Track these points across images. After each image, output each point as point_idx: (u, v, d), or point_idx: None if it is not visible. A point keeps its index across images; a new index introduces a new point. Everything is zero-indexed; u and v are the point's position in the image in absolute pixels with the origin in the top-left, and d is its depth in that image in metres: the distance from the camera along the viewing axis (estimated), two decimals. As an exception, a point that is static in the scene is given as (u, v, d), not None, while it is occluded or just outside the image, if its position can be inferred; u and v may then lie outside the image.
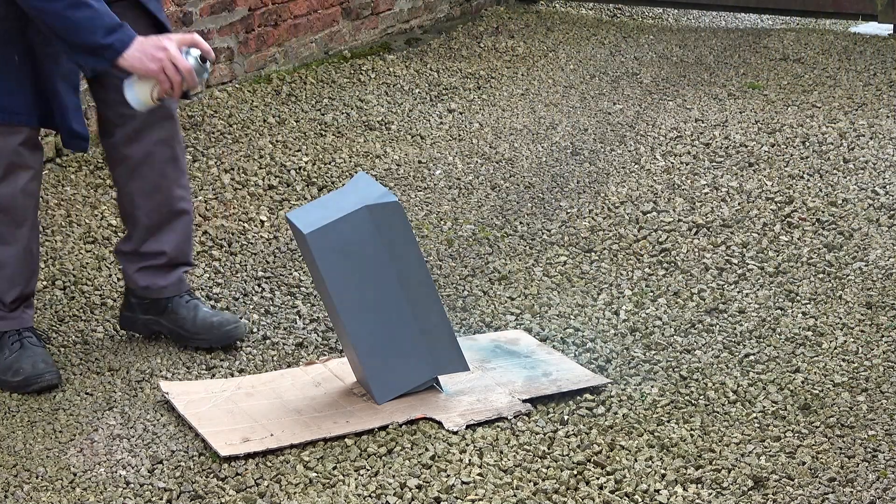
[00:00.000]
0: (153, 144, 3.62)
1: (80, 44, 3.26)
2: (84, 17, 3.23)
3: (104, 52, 3.26)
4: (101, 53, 3.26)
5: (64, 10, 3.23)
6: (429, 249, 4.42)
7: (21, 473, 3.20)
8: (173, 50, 3.27)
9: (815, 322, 3.88)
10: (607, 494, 3.05)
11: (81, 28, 3.24)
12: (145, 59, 3.26)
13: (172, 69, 3.27)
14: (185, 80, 3.29)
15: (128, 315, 3.81)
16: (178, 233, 3.72)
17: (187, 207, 3.73)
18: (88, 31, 3.24)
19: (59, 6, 3.22)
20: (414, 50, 6.80)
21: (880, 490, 3.05)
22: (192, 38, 3.34)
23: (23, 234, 3.53)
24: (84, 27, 3.24)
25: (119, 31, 3.25)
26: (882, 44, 6.89)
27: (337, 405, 3.43)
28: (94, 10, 3.24)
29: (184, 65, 3.28)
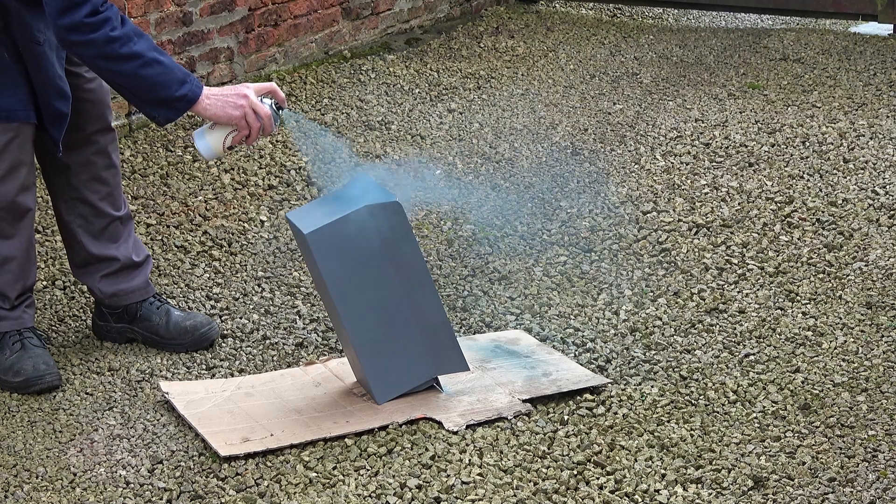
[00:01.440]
0: (92, 153, 3.66)
1: (155, 99, 3.32)
2: (157, 73, 3.29)
3: (177, 103, 3.32)
4: (175, 105, 3.33)
5: (137, 70, 3.28)
6: (429, 249, 4.42)
7: (21, 473, 3.20)
8: (254, 97, 3.34)
9: (815, 322, 3.88)
10: (607, 494, 3.05)
11: (156, 84, 3.30)
12: (227, 107, 3.33)
13: (253, 116, 3.34)
14: (262, 128, 3.35)
15: (101, 324, 3.82)
16: (124, 238, 3.76)
17: (129, 213, 3.78)
18: (162, 86, 3.30)
19: (132, 66, 3.27)
20: (414, 50, 6.80)
21: (880, 490, 3.05)
22: (269, 87, 3.42)
23: (24, 225, 3.55)
24: (158, 83, 3.30)
25: (189, 82, 3.32)
26: (882, 44, 6.89)
27: (337, 405, 3.43)
28: (165, 65, 3.30)
29: (264, 111, 3.35)
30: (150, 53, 3.28)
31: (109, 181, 3.70)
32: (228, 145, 3.39)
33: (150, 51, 3.29)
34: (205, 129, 3.40)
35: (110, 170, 3.70)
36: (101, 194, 3.69)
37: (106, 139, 3.67)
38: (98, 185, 3.68)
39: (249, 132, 3.36)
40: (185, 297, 4.09)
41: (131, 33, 3.27)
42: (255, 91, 3.37)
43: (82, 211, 3.69)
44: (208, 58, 5.77)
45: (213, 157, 3.46)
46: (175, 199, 4.76)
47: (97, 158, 3.66)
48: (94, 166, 3.66)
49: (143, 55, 3.27)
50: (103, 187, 3.69)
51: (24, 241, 3.57)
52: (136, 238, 3.80)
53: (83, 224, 3.70)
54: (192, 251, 4.40)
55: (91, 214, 3.70)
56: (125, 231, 3.76)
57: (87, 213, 3.70)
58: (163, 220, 4.59)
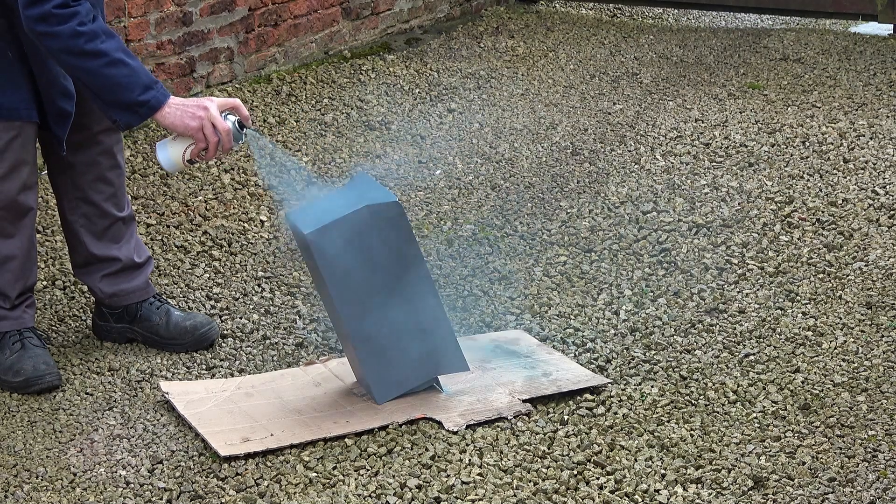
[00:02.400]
0: (98, 154, 3.65)
1: (117, 101, 3.30)
2: (121, 74, 3.27)
3: (139, 108, 3.30)
4: (137, 110, 3.31)
5: (101, 69, 3.26)
6: (429, 249, 4.42)
7: (21, 473, 3.20)
8: (214, 110, 3.32)
9: (815, 322, 3.88)
10: (607, 494, 3.05)
11: (119, 86, 3.28)
12: (185, 118, 3.31)
13: (211, 129, 3.32)
14: (221, 142, 3.33)
15: (101, 324, 3.82)
16: (126, 238, 3.76)
17: (132, 213, 3.78)
18: (126, 88, 3.28)
19: (96, 64, 3.25)
20: (414, 50, 6.80)
21: (880, 490, 3.05)
22: (233, 103, 3.39)
23: (25, 225, 3.55)
24: (121, 84, 3.28)
25: (154, 89, 3.30)
26: (882, 44, 6.89)
27: (337, 405, 3.43)
28: (131, 67, 3.28)
29: (223, 125, 3.33)
30: (116, 54, 3.25)
31: (114, 182, 3.70)
32: (188, 158, 3.37)
33: (116, 51, 3.26)
34: (167, 140, 3.40)
35: (115, 170, 3.70)
36: (106, 195, 3.69)
37: (112, 139, 3.67)
38: (102, 185, 3.68)
39: (207, 145, 3.34)
40: (185, 297, 4.09)
41: (99, 31, 3.25)
42: (218, 105, 3.34)
43: (86, 211, 3.69)
44: (208, 58, 5.77)
45: (174, 170, 3.43)
46: (175, 199, 4.76)
47: (102, 159, 3.66)
48: (99, 166, 3.66)
49: (108, 54, 3.24)
50: (107, 188, 3.69)
51: (26, 240, 3.57)
52: (138, 239, 3.80)
53: (86, 224, 3.71)
54: (192, 251, 4.40)
55: (94, 215, 3.70)
56: (128, 232, 3.76)
57: (90, 213, 3.70)
58: (163, 220, 4.59)
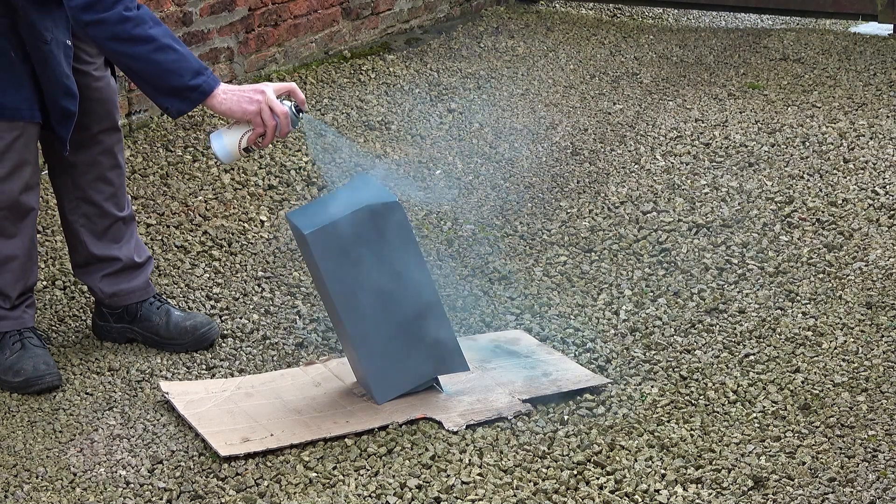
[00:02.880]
0: (98, 153, 3.65)
1: (167, 87, 3.27)
2: (170, 59, 3.25)
3: (190, 93, 3.27)
4: (188, 95, 3.27)
5: (150, 54, 3.24)
6: (429, 249, 4.42)
7: (21, 473, 3.20)
8: (271, 94, 3.29)
9: (815, 322, 3.88)
10: (607, 494, 3.05)
11: (168, 71, 3.25)
12: (243, 102, 3.28)
13: (269, 114, 3.28)
14: (279, 127, 3.30)
15: (101, 325, 3.82)
16: (127, 238, 3.76)
17: (132, 213, 3.78)
18: (175, 73, 3.25)
19: (145, 50, 3.23)
20: (414, 50, 6.80)
21: (880, 490, 3.05)
22: (289, 87, 3.36)
23: (27, 225, 3.55)
24: (171, 70, 3.25)
25: (205, 74, 3.28)
26: (882, 44, 6.89)
27: (337, 405, 3.43)
28: (180, 53, 3.26)
29: (281, 109, 3.28)
30: (164, 39, 3.24)
31: (114, 181, 3.70)
32: (244, 146, 3.32)
33: (165, 37, 3.24)
34: (221, 130, 3.35)
35: (115, 170, 3.69)
36: (106, 194, 3.69)
37: (112, 139, 3.67)
38: (103, 185, 3.68)
39: (265, 131, 3.30)
40: (185, 297, 4.09)
41: (146, 17, 3.24)
42: (274, 90, 3.31)
43: (86, 211, 3.69)
44: (208, 58, 5.77)
45: (230, 160, 3.38)
46: (175, 199, 4.76)
47: (103, 158, 3.66)
48: (99, 166, 3.66)
49: (156, 39, 3.23)
50: (108, 187, 3.69)
51: (27, 240, 3.57)
52: (138, 239, 3.80)
53: (86, 224, 3.71)
54: (192, 251, 4.40)
55: (95, 214, 3.70)
56: (128, 232, 3.76)
57: (90, 213, 3.70)
58: (163, 220, 4.59)
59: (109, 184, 3.69)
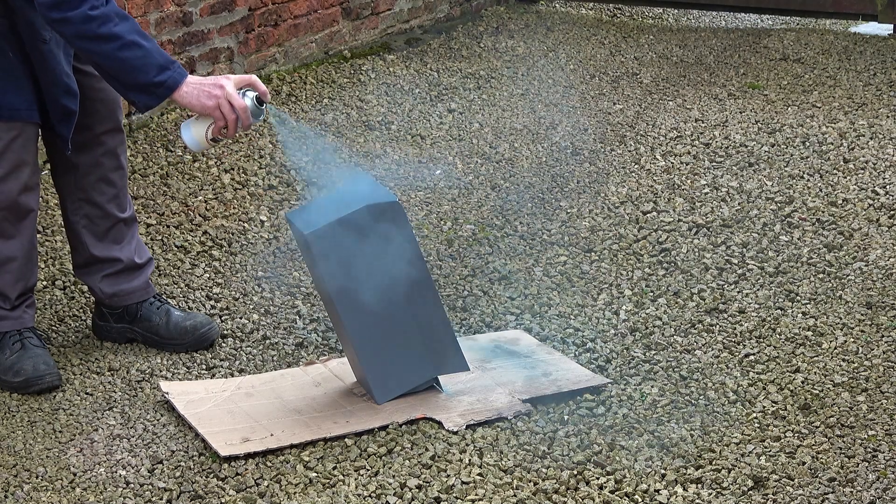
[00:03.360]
0: (101, 154, 3.65)
1: (133, 83, 3.30)
2: (136, 56, 3.26)
3: (156, 89, 3.30)
4: (154, 91, 3.30)
5: (115, 52, 3.25)
6: (429, 249, 4.42)
7: (21, 473, 3.20)
8: (230, 88, 3.32)
9: (815, 322, 3.88)
10: (607, 494, 3.05)
11: (134, 68, 3.27)
12: (202, 97, 3.31)
13: (228, 108, 3.31)
14: (239, 120, 3.32)
15: (101, 325, 3.82)
16: (128, 240, 3.76)
17: (134, 215, 3.78)
18: (141, 70, 3.27)
19: (111, 47, 3.25)
20: (414, 50, 6.80)
21: (880, 490, 3.05)
22: (249, 79, 3.38)
23: (26, 226, 3.55)
24: (137, 67, 3.27)
25: (171, 69, 3.30)
26: (882, 44, 6.89)
27: (337, 405, 3.43)
28: (146, 49, 3.27)
29: (239, 103, 3.32)
30: (129, 36, 3.25)
31: (116, 183, 3.70)
32: (210, 137, 3.37)
33: (130, 34, 3.25)
34: (191, 120, 3.39)
35: (118, 171, 3.69)
36: (108, 196, 3.69)
37: (115, 140, 3.67)
38: (105, 186, 3.68)
39: (226, 124, 3.34)
40: (185, 297, 4.08)
41: (112, 14, 3.24)
42: (235, 83, 3.34)
43: (88, 212, 3.69)
44: (208, 58, 5.77)
45: (199, 149, 3.44)
46: (175, 199, 4.76)
47: (106, 160, 3.66)
48: (102, 167, 3.66)
49: (121, 37, 3.24)
50: (110, 189, 3.69)
51: (26, 241, 3.57)
52: (139, 240, 3.80)
53: (88, 225, 3.70)
54: (192, 251, 4.40)
55: (97, 216, 3.70)
56: (129, 233, 3.75)
57: (92, 214, 3.69)
58: (163, 220, 4.59)
59: (112, 185, 3.69)
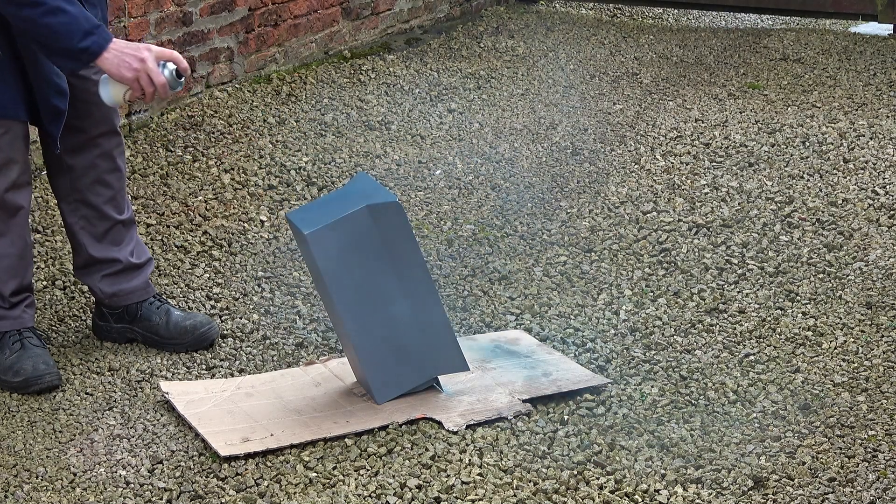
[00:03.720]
0: (96, 157, 3.65)
1: (57, 48, 3.32)
2: (60, 22, 3.28)
3: (81, 55, 3.32)
4: (78, 57, 3.32)
5: (40, 17, 3.27)
6: (429, 249, 4.42)
7: (21, 473, 3.20)
8: (150, 62, 3.35)
9: (815, 322, 3.88)
10: (607, 494, 3.05)
11: (58, 34, 3.29)
12: (122, 67, 3.33)
13: (147, 80, 3.35)
14: (157, 92, 3.37)
15: (101, 325, 3.82)
16: (127, 241, 3.76)
17: (132, 216, 3.79)
18: (65, 36, 3.29)
19: (35, 13, 3.27)
20: (414, 50, 6.80)
21: (880, 490, 3.05)
22: (170, 54, 3.41)
23: (16, 223, 3.54)
24: (61, 33, 3.29)
25: (96, 34, 3.31)
26: (882, 44, 6.89)
27: (337, 405, 3.43)
28: (70, 14, 3.28)
29: (158, 79, 3.37)
30: (53, 2, 3.26)
31: (113, 185, 3.69)
32: (127, 99, 3.41)
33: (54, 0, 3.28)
34: (109, 78, 3.41)
35: (114, 173, 3.69)
36: (105, 197, 3.69)
37: (111, 143, 3.67)
38: (101, 188, 3.68)
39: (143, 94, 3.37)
40: (185, 297, 4.09)
41: None
42: (156, 55, 3.36)
43: (85, 213, 3.69)
44: (208, 58, 5.77)
45: (114, 106, 3.49)
46: (175, 199, 4.76)
47: (101, 162, 3.66)
48: (97, 169, 3.66)
49: (44, 3, 3.25)
50: (107, 190, 3.69)
51: (17, 239, 3.56)
52: (138, 240, 3.80)
53: (86, 226, 3.70)
54: (192, 251, 4.40)
55: (94, 217, 3.70)
56: (128, 235, 3.75)
57: (89, 216, 3.69)
58: (163, 220, 4.59)
59: (108, 187, 3.69)
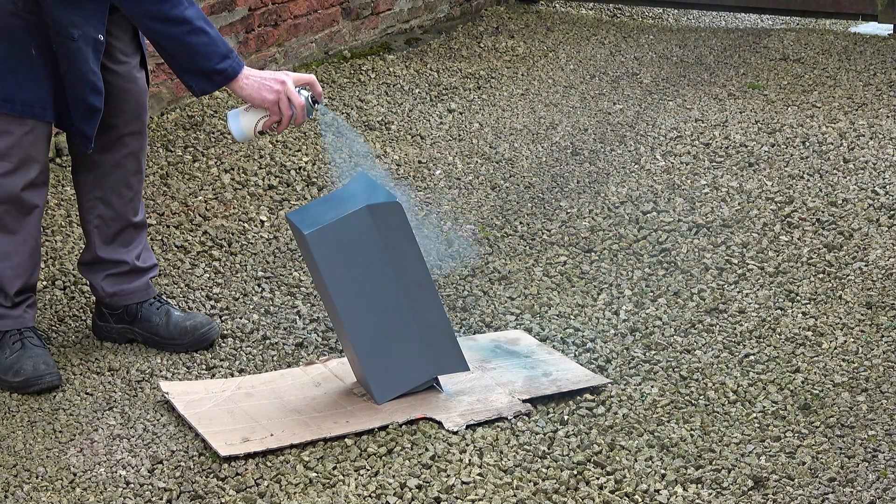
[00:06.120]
0: (123, 156, 3.66)
1: (195, 68, 3.36)
2: (201, 42, 3.32)
3: (216, 76, 3.36)
4: (213, 78, 3.36)
5: (183, 36, 3.31)
6: (429, 249, 4.42)
7: (21, 473, 3.20)
8: (290, 85, 3.38)
9: (815, 322, 3.88)
10: (607, 494, 3.05)
11: (198, 53, 3.33)
12: (263, 90, 3.37)
13: (287, 104, 3.38)
14: (294, 116, 3.38)
15: (101, 325, 3.82)
16: (136, 244, 3.76)
17: (145, 220, 3.80)
18: (204, 56, 3.34)
19: (179, 31, 3.31)
20: (414, 50, 6.80)
21: (880, 490, 3.05)
22: (308, 79, 3.44)
23: (30, 222, 3.55)
24: (200, 53, 3.33)
25: (231, 58, 3.37)
26: (882, 44, 6.89)
27: (337, 405, 3.43)
28: (210, 36, 3.34)
29: (298, 101, 3.39)
30: (197, 22, 3.31)
31: (134, 187, 3.71)
32: (259, 129, 3.42)
33: (198, 19, 3.31)
34: (240, 110, 3.44)
35: (137, 175, 3.71)
36: (125, 199, 3.70)
37: (138, 143, 3.68)
38: (124, 189, 3.69)
39: (281, 119, 3.39)
40: (185, 297, 4.09)
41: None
42: (293, 80, 3.39)
43: (101, 212, 3.69)
44: (208, 58, 5.76)
45: (244, 140, 3.48)
46: (175, 199, 4.76)
47: (127, 162, 3.67)
48: (123, 169, 3.66)
49: (191, 22, 3.30)
50: (128, 192, 3.70)
51: (29, 238, 3.56)
52: (146, 245, 3.80)
53: (100, 225, 3.71)
54: (192, 251, 4.40)
55: (109, 218, 3.70)
56: (138, 237, 3.76)
57: (105, 216, 3.70)
58: (163, 220, 4.59)
59: (130, 188, 3.70)
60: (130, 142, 3.66)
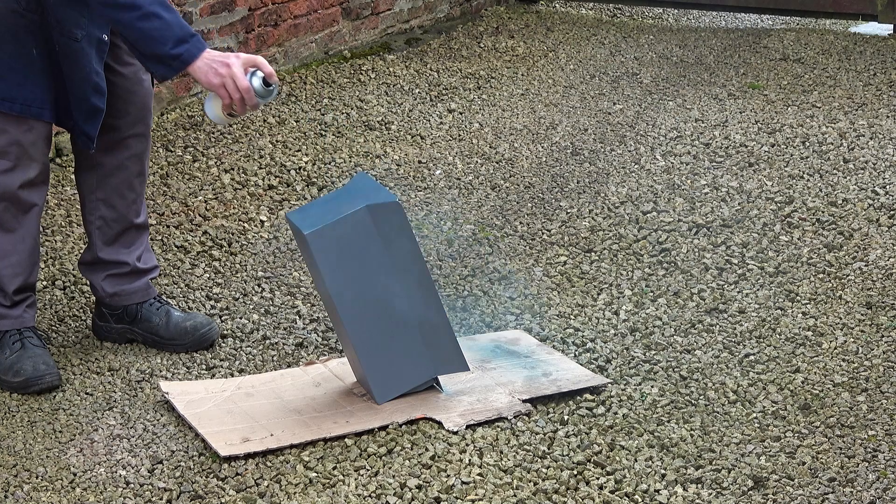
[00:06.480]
0: (127, 158, 3.66)
1: (150, 53, 3.33)
2: (154, 27, 3.30)
3: (172, 62, 3.33)
4: (170, 63, 3.34)
5: (135, 21, 3.29)
6: (429, 249, 4.42)
7: (21, 473, 3.20)
8: (236, 68, 3.34)
9: (815, 322, 3.88)
10: (607, 494, 3.05)
11: (152, 39, 3.31)
12: (210, 74, 3.34)
13: (233, 86, 3.35)
14: (244, 99, 3.35)
15: (101, 325, 3.82)
16: (138, 245, 3.77)
17: (146, 221, 3.80)
18: (159, 41, 3.31)
19: (131, 17, 3.28)
20: (414, 50, 6.80)
21: (880, 490, 3.05)
22: (255, 60, 3.40)
23: (29, 220, 3.54)
24: (155, 38, 3.30)
25: (189, 42, 3.33)
26: (882, 44, 6.89)
27: (337, 405, 3.43)
28: (165, 20, 3.30)
29: (242, 84, 3.35)
30: (150, 7, 3.28)
31: (136, 188, 3.71)
32: (227, 113, 3.41)
33: (151, 4, 3.28)
34: (212, 94, 3.43)
35: (140, 177, 3.71)
36: (128, 200, 3.70)
37: (141, 145, 3.68)
38: (127, 190, 3.69)
39: (232, 102, 3.37)
40: (185, 297, 4.09)
41: None
42: (242, 62, 3.36)
43: (103, 213, 3.69)
44: (208, 58, 5.76)
45: (220, 122, 3.49)
46: (175, 199, 4.76)
47: (130, 164, 3.67)
48: (126, 171, 3.66)
49: (141, 7, 3.27)
50: (130, 193, 3.70)
51: (27, 236, 3.56)
52: (147, 246, 3.80)
53: (102, 226, 3.71)
54: (192, 251, 4.40)
55: (111, 219, 3.70)
56: (139, 238, 3.76)
57: (107, 217, 3.70)
58: (163, 220, 4.59)
59: (132, 190, 3.70)
60: (134, 144, 3.66)
